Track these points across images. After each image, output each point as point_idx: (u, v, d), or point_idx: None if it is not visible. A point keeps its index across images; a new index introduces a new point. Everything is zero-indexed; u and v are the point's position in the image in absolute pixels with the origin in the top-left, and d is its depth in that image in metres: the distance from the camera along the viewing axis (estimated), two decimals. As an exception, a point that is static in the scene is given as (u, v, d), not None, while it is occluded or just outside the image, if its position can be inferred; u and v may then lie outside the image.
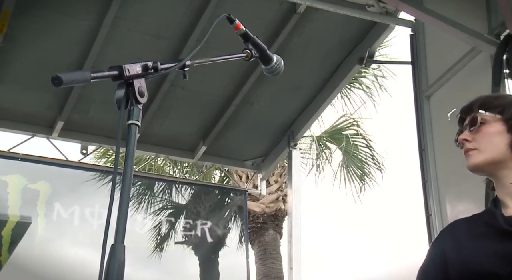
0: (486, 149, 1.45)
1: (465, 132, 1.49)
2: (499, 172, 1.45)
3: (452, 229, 1.55)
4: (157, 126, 4.91)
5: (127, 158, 1.20)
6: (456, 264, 1.45)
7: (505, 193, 1.45)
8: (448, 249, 1.50)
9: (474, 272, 1.39)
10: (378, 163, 8.03)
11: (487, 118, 1.47)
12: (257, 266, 7.53)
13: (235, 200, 5.52)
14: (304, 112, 4.91)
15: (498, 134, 1.46)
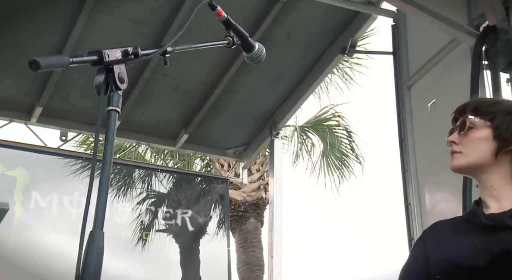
0: (470, 154, 1.49)
1: (455, 134, 1.52)
2: (480, 175, 1.50)
3: (435, 228, 1.59)
4: (138, 113, 4.87)
5: (107, 145, 1.19)
6: (438, 259, 1.49)
7: (487, 195, 1.50)
8: (430, 247, 1.54)
9: (454, 264, 1.43)
10: (358, 155, 8.11)
11: (476, 123, 1.50)
12: (238, 254, 7.56)
13: (216, 188, 5.52)
14: (286, 101, 4.91)
15: (484, 140, 1.49)
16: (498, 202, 1.48)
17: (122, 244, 4.85)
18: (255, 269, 7.40)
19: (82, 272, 1.02)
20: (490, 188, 1.50)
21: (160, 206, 5.22)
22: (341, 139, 8.16)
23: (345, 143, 8.17)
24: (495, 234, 1.43)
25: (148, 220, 5.09)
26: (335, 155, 8.11)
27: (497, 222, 1.45)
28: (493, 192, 1.49)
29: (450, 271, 1.44)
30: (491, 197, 1.50)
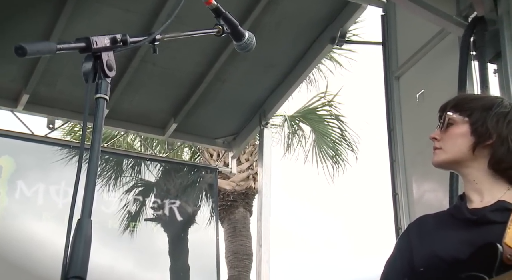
0: (449, 149, 1.53)
1: (437, 130, 1.56)
2: (462, 170, 1.54)
3: (419, 222, 1.63)
4: (127, 102, 4.84)
5: (95, 133, 1.18)
6: (422, 252, 1.52)
7: (470, 189, 1.53)
8: (414, 240, 1.57)
9: (438, 257, 1.46)
10: (350, 144, 8.12)
11: (455, 119, 1.54)
12: (226, 243, 7.59)
13: (205, 178, 5.52)
14: (276, 91, 4.91)
15: (462, 136, 1.52)
16: (481, 196, 1.51)
17: (110, 233, 4.84)
18: (243, 258, 7.44)
19: (70, 260, 1.02)
20: (472, 182, 1.53)
21: (148, 196, 5.20)
22: (332, 128, 8.17)
23: (336, 132, 8.18)
24: (478, 228, 1.46)
25: (136, 210, 5.08)
26: (327, 144, 8.13)
27: (479, 217, 1.48)
28: (475, 186, 1.52)
29: (433, 263, 1.47)
30: (474, 191, 1.53)
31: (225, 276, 7.32)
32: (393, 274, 1.58)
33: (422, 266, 1.50)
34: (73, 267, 1.01)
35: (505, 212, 1.45)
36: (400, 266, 1.57)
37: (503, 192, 1.50)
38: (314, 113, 8.15)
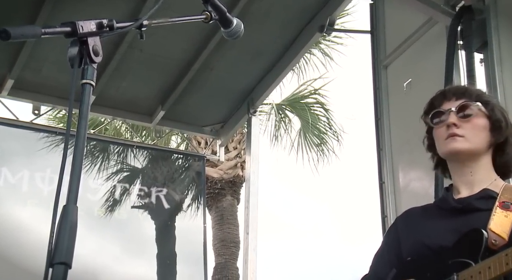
0: (473, 139, 1.52)
1: (453, 116, 1.52)
2: (470, 163, 1.53)
3: (407, 215, 1.65)
4: (114, 88, 4.80)
5: (81, 119, 1.18)
6: (409, 241, 1.55)
7: (462, 181, 1.54)
8: (402, 232, 1.60)
9: (424, 245, 1.48)
10: (335, 133, 8.16)
11: (478, 111, 1.53)
12: (214, 231, 7.61)
13: (193, 165, 5.51)
14: (264, 79, 4.90)
15: (484, 129, 1.53)
16: (470, 188, 1.53)
17: (96, 221, 4.82)
18: (230, 245, 7.47)
19: (55, 246, 1.02)
20: (468, 174, 1.54)
21: (135, 184, 5.19)
22: (319, 117, 8.20)
23: (322, 121, 8.22)
24: (463, 216, 1.48)
25: (123, 197, 5.06)
26: (313, 132, 8.16)
27: (465, 205, 1.51)
28: (469, 178, 1.54)
29: (420, 252, 1.50)
30: (465, 183, 1.54)
31: (212, 263, 7.36)
32: (381, 266, 1.61)
33: (410, 256, 1.52)
34: (58, 253, 1.01)
35: (490, 200, 1.48)
36: (388, 258, 1.60)
37: (489, 182, 1.53)
38: (301, 101, 8.16)
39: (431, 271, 1.43)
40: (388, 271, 1.55)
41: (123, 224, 4.96)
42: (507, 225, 1.40)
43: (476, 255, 1.37)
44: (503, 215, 1.42)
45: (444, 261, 1.42)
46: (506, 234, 1.38)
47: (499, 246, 1.36)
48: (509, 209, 1.43)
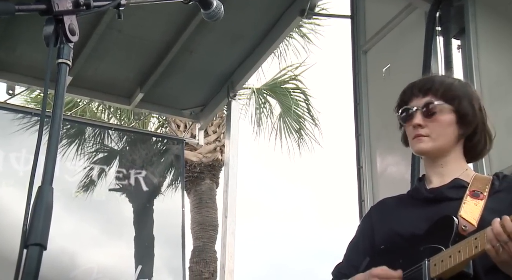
0: (438, 138, 1.54)
1: (418, 116, 1.54)
2: (440, 157, 1.56)
3: (381, 204, 1.68)
4: (92, 69, 4.73)
5: (57, 99, 1.16)
6: (382, 230, 1.58)
7: (434, 172, 1.58)
8: (376, 220, 1.63)
9: (397, 233, 1.52)
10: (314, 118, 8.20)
11: (444, 108, 1.54)
12: (192, 214, 7.62)
13: (172, 149, 5.48)
14: (244, 63, 4.87)
15: (450, 124, 1.54)
16: (442, 178, 1.57)
17: (74, 202, 4.78)
18: (209, 229, 7.49)
19: (30, 227, 1.00)
20: (439, 166, 1.57)
21: (113, 165, 5.14)
22: (299, 102, 8.22)
23: (302, 106, 8.24)
24: (435, 205, 1.52)
25: (101, 179, 5.02)
26: (293, 117, 8.19)
27: (437, 194, 1.54)
28: (440, 169, 1.57)
29: (392, 240, 1.53)
30: (437, 174, 1.57)
31: (190, 246, 7.38)
32: (355, 254, 1.63)
33: (383, 244, 1.56)
34: (33, 234, 1.00)
35: (461, 189, 1.52)
36: (362, 247, 1.63)
37: (461, 172, 1.56)
38: (281, 87, 8.16)
39: (404, 258, 1.46)
40: (362, 260, 1.58)
41: (102, 205, 4.92)
42: (477, 212, 1.43)
43: (447, 240, 1.40)
44: (473, 203, 1.45)
45: (416, 247, 1.45)
46: (475, 221, 1.41)
47: (469, 231, 1.40)
48: (478, 197, 1.46)
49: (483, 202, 1.45)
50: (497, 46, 3.09)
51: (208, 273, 7.26)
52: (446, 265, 1.36)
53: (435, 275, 1.37)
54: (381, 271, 1.44)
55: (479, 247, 1.32)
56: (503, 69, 3.00)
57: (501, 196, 1.48)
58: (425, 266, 1.40)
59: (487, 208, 1.43)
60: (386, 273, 1.43)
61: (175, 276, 4.82)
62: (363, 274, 1.49)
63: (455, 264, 1.35)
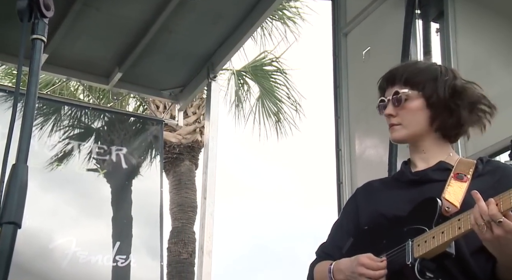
0: (409, 125, 1.57)
1: (389, 106, 1.59)
2: (417, 142, 1.60)
3: (366, 186, 1.70)
4: (69, 48, 4.63)
5: (31, 76, 1.13)
6: (366, 211, 1.60)
7: (417, 157, 1.61)
8: (361, 202, 1.65)
9: (380, 215, 1.54)
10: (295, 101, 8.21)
11: (410, 95, 1.57)
12: (171, 195, 7.61)
13: (151, 129, 5.43)
14: (224, 44, 4.83)
15: (419, 109, 1.57)
16: (426, 162, 1.59)
17: (52, 178, 4.74)
18: (188, 210, 7.50)
19: (4, 206, 0.99)
20: (421, 152, 1.60)
21: (93, 143, 5.09)
22: (278, 84, 8.21)
23: (282, 88, 8.24)
24: (419, 187, 1.54)
25: (80, 156, 4.96)
26: (271, 100, 8.19)
27: (421, 176, 1.57)
28: (423, 155, 1.60)
29: (376, 221, 1.55)
30: (421, 159, 1.60)
31: (168, 227, 7.38)
32: (340, 235, 1.65)
33: (367, 225, 1.58)
34: (7, 212, 0.99)
35: (445, 171, 1.54)
36: (346, 227, 1.65)
37: (445, 156, 1.58)
38: (262, 68, 8.13)
39: (387, 239, 1.49)
40: (346, 240, 1.60)
41: (81, 182, 4.88)
42: (460, 194, 1.45)
43: (430, 221, 1.42)
44: (457, 185, 1.48)
45: (400, 228, 1.47)
46: (458, 202, 1.44)
47: (452, 213, 1.42)
48: (462, 180, 1.49)
49: (466, 185, 1.48)
50: (475, 30, 3.12)
51: (186, 254, 7.29)
52: (429, 245, 1.38)
53: (419, 255, 1.40)
54: (368, 261, 1.45)
55: (462, 228, 1.34)
56: (481, 52, 3.03)
57: (484, 179, 1.51)
58: (409, 247, 1.42)
59: (471, 190, 1.46)
60: (373, 264, 1.44)
61: (153, 256, 4.83)
62: (349, 261, 1.50)
63: (438, 244, 1.37)
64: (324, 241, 1.71)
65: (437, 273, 1.38)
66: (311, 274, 1.64)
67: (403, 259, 1.42)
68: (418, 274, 1.38)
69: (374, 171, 3.15)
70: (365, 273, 1.44)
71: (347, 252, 1.55)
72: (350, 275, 1.48)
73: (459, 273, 1.42)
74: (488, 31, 3.04)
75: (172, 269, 7.22)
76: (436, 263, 1.39)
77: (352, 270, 1.47)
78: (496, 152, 2.66)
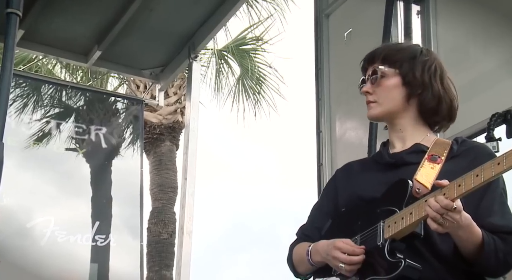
0: (384, 102, 1.59)
1: (367, 84, 1.61)
2: (394, 121, 1.62)
3: (346, 168, 1.73)
4: (46, 24, 4.53)
5: (6, 51, 1.12)
6: (345, 193, 1.63)
7: (395, 136, 1.63)
8: (340, 183, 1.68)
9: (358, 196, 1.57)
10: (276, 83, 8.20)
11: (386, 72, 1.59)
12: (151, 176, 7.59)
13: (131, 109, 5.38)
14: (206, 23, 4.77)
15: (395, 87, 1.58)
16: (403, 143, 1.62)
17: (30, 156, 4.69)
18: (168, 190, 7.49)
19: (-21, 183, 0.98)
20: (398, 130, 1.62)
21: (72, 122, 5.03)
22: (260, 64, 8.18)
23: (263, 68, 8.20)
24: (395, 170, 1.57)
25: (59, 135, 4.91)
26: (253, 80, 8.16)
27: (397, 159, 1.59)
28: (400, 134, 1.62)
29: (353, 203, 1.59)
30: (398, 138, 1.63)
31: (148, 207, 7.38)
32: (319, 217, 1.68)
33: (344, 206, 1.61)
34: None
35: (420, 153, 1.57)
36: (326, 209, 1.68)
37: (422, 137, 1.60)
38: (243, 47, 8.07)
39: (362, 220, 1.51)
40: (325, 222, 1.63)
41: (60, 161, 4.83)
42: (432, 175, 1.48)
43: (401, 203, 1.45)
44: (430, 167, 1.50)
45: (374, 210, 1.50)
46: (430, 184, 1.46)
47: (422, 194, 1.44)
48: (436, 161, 1.51)
49: (439, 166, 1.50)
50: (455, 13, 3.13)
51: (166, 234, 7.31)
52: (398, 226, 1.41)
53: (389, 235, 1.43)
54: (344, 245, 1.47)
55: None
56: (460, 35, 3.06)
57: (458, 160, 1.53)
58: (380, 228, 1.45)
59: (443, 171, 1.49)
60: (348, 248, 1.46)
61: (133, 236, 4.83)
62: (326, 243, 1.52)
63: (407, 225, 1.40)
64: (304, 222, 1.73)
65: (406, 254, 1.41)
66: (290, 255, 1.67)
67: (374, 240, 1.45)
68: (387, 255, 1.41)
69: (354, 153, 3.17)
70: (338, 256, 1.46)
71: (326, 233, 1.58)
72: (325, 257, 1.51)
73: (428, 253, 1.45)
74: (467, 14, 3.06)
75: (152, 249, 7.23)
76: (406, 243, 1.42)
77: (327, 253, 1.50)
78: (474, 134, 2.70)
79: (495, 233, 1.43)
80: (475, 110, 2.71)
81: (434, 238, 1.46)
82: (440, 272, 1.44)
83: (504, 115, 2.50)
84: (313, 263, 1.56)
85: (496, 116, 2.50)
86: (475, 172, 1.29)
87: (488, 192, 1.43)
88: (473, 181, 1.29)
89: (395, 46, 1.69)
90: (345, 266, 1.44)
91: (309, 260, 1.56)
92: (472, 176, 1.29)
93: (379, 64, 1.59)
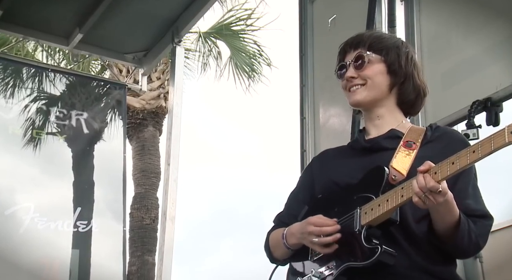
0: (372, 86, 1.58)
1: (351, 69, 1.59)
2: (373, 108, 1.61)
3: (322, 155, 1.74)
4: (26, 5, 4.44)
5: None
6: (321, 180, 1.64)
7: (371, 124, 1.64)
8: (316, 170, 1.68)
9: (334, 183, 1.58)
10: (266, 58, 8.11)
11: (372, 59, 1.57)
12: (134, 161, 7.55)
13: (113, 94, 5.32)
14: (189, 8, 4.72)
15: (380, 74, 1.59)
16: (379, 130, 1.62)
17: (11, 140, 4.62)
18: (151, 176, 7.47)
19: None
20: (375, 118, 1.62)
21: (53, 106, 4.96)
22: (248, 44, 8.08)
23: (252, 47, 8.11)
24: (371, 155, 1.58)
25: (40, 119, 4.84)
26: (242, 59, 8.07)
27: (373, 144, 1.60)
28: (377, 122, 1.62)
29: (329, 189, 1.59)
30: (375, 126, 1.63)
31: (131, 193, 7.35)
32: (296, 204, 1.69)
33: (321, 193, 1.62)
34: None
35: (396, 139, 1.58)
36: (302, 196, 1.69)
37: (397, 124, 1.61)
38: (230, 28, 7.98)
39: (339, 206, 1.52)
40: (301, 209, 1.63)
41: (41, 146, 4.78)
42: (408, 162, 1.50)
43: (378, 190, 1.47)
44: (405, 153, 1.52)
45: (351, 196, 1.51)
46: (405, 171, 1.48)
47: (398, 181, 1.46)
48: (411, 148, 1.53)
49: (414, 152, 1.52)
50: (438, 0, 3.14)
51: (149, 219, 7.30)
52: (375, 213, 1.43)
53: (365, 222, 1.44)
54: (317, 219, 1.49)
55: (405, 196, 1.39)
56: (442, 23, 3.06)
57: (432, 146, 1.55)
58: (357, 214, 1.46)
59: (418, 157, 1.50)
60: (321, 221, 1.48)
61: (116, 221, 4.81)
62: (300, 223, 1.54)
63: (383, 212, 1.42)
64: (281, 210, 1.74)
65: (382, 240, 1.43)
66: (267, 241, 1.68)
67: (351, 227, 1.46)
68: (364, 241, 1.42)
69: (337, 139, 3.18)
70: (313, 230, 1.48)
71: (302, 220, 1.59)
72: (300, 236, 1.52)
73: (403, 239, 1.47)
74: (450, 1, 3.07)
75: (134, 235, 7.22)
76: (382, 230, 1.44)
77: (302, 231, 1.51)
78: (455, 121, 2.72)
79: (469, 216, 1.46)
80: (456, 98, 2.73)
81: (410, 224, 1.48)
82: (413, 256, 1.46)
83: (485, 103, 2.53)
84: (289, 246, 1.57)
85: (477, 104, 2.52)
86: (451, 160, 1.31)
87: (462, 175, 1.45)
88: (449, 169, 1.30)
89: (379, 34, 1.69)
90: (319, 239, 1.45)
91: (285, 243, 1.58)
92: (448, 163, 1.31)
93: (366, 50, 1.58)
